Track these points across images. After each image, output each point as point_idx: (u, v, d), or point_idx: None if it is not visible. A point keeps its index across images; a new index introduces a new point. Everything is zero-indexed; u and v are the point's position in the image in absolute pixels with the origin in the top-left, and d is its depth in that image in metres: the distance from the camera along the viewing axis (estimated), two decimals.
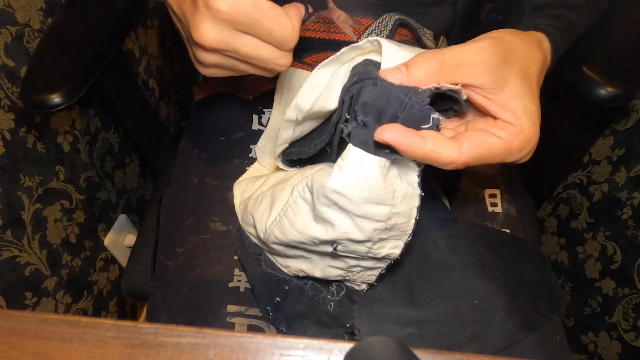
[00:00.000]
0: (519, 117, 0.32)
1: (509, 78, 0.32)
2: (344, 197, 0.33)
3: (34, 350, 0.30)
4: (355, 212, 0.33)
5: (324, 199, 0.34)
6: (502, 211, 0.54)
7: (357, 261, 0.39)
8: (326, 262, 0.41)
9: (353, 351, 0.26)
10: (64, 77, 0.54)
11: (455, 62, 0.31)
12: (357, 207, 0.33)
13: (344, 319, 0.44)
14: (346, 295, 0.44)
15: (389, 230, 0.35)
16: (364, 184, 0.32)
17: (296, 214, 0.37)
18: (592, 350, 0.90)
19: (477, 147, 0.31)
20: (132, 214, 1.05)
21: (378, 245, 0.36)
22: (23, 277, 0.71)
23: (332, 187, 0.33)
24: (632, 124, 0.77)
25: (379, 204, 0.33)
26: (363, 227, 0.34)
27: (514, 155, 0.32)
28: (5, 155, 0.65)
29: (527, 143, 0.32)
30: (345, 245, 0.36)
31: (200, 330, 0.31)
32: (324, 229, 0.36)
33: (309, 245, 0.38)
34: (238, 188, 0.53)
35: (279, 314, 0.45)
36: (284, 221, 0.39)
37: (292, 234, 0.38)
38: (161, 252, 0.53)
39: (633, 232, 0.78)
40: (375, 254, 0.37)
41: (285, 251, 0.42)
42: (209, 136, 0.60)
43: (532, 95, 0.33)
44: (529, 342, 0.45)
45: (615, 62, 0.54)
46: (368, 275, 0.42)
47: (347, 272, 0.41)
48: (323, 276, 0.42)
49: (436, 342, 0.44)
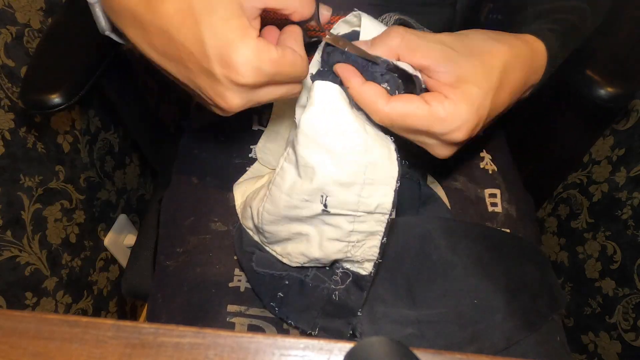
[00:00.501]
0: (454, 93, 0.33)
1: (463, 64, 0.34)
2: (317, 129, 0.35)
3: (34, 350, 0.30)
4: (332, 147, 0.35)
5: (301, 137, 0.35)
6: (502, 211, 0.54)
7: (351, 223, 0.38)
8: (322, 233, 0.40)
9: (353, 351, 0.26)
10: (64, 77, 0.54)
11: (414, 43, 0.33)
12: (331, 138, 0.35)
13: (353, 306, 0.43)
14: (353, 282, 0.43)
15: (373, 168, 0.36)
16: (332, 111, 0.35)
17: (283, 178, 0.38)
18: (592, 350, 0.90)
19: (403, 104, 0.33)
20: (132, 214, 1.05)
21: (366, 192, 0.36)
22: (23, 277, 0.71)
23: (305, 120, 0.35)
24: (632, 124, 0.77)
25: (353, 132, 0.35)
26: (343, 163, 0.35)
27: (437, 125, 0.33)
28: (5, 155, 0.65)
29: (454, 117, 0.33)
30: (334, 195, 0.37)
31: (200, 330, 0.31)
32: (309, 178, 0.36)
33: (300, 209, 0.38)
34: (238, 189, 0.53)
35: (284, 309, 0.44)
36: (273, 190, 0.39)
37: (281, 199, 0.38)
38: (161, 252, 0.53)
39: (633, 232, 0.78)
40: (366, 204, 0.37)
41: (279, 231, 0.42)
42: (208, 136, 0.60)
43: (485, 81, 0.34)
44: (529, 342, 0.45)
45: (616, 62, 0.54)
46: (370, 248, 0.41)
47: (346, 244, 0.40)
48: (323, 255, 0.41)
49: (436, 342, 0.44)
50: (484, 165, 0.57)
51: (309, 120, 0.35)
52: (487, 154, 0.59)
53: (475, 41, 0.36)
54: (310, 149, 0.35)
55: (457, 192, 0.54)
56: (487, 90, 0.34)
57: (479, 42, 0.36)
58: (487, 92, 0.34)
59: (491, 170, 0.57)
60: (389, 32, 0.34)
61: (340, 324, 0.44)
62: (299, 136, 0.36)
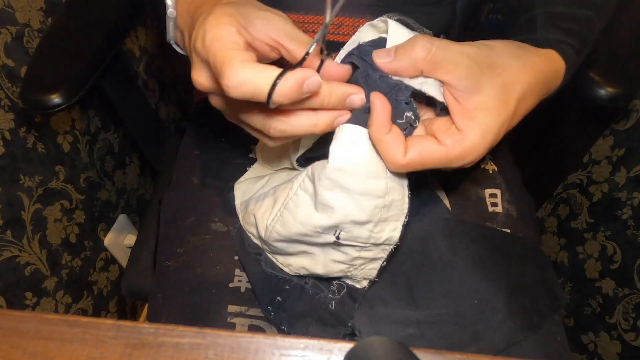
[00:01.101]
0: (470, 126, 0.32)
1: (485, 87, 0.33)
2: (345, 173, 0.34)
3: (34, 350, 0.30)
4: (356, 189, 0.35)
5: (325, 181, 0.35)
6: (502, 211, 0.54)
7: (358, 251, 0.39)
8: (328, 256, 0.41)
9: (353, 351, 0.26)
10: (64, 77, 0.54)
11: (439, 57, 0.32)
12: (358, 182, 0.34)
13: (345, 317, 0.44)
14: (347, 294, 0.44)
15: (388, 208, 0.36)
16: (360, 156, 0.34)
17: (297, 206, 0.38)
18: (592, 350, 0.90)
19: (419, 153, 0.33)
20: (132, 214, 1.05)
21: (379, 228, 0.37)
22: (23, 277, 0.71)
23: (334, 165, 0.34)
24: (632, 124, 0.77)
25: (376, 178, 0.35)
26: (364, 206, 0.35)
27: (455, 163, 0.33)
28: (5, 155, 0.65)
29: (469, 153, 0.33)
30: (348, 231, 0.37)
31: (200, 330, 0.30)
32: (326, 215, 0.36)
33: (311, 237, 0.39)
34: (239, 189, 0.53)
35: (280, 314, 0.45)
36: (285, 215, 0.39)
37: (294, 227, 0.38)
38: (161, 253, 0.53)
39: (633, 232, 0.78)
40: (376, 238, 0.38)
41: (286, 248, 0.42)
42: (209, 136, 0.60)
43: (503, 109, 0.33)
44: (530, 343, 0.45)
45: (616, 62, 0.54)
46: (369, 270, 0.42)
47: (349, 267, 0.41)
48: (325, 272, 0.42)
49: (437, 342, 0.44)
50: (484, 165, 0.57)
51: (337, 164, 0.34)
52: (487, 154, 0.59)
53: (503, 58, 0.34)
54: (333, 192, 0.35)
55: (458, 192, 0.54)
56: (503, 120, 0.33)
57: (506, 60, 0.34)
58: (503, 123, 0.33)
59: (491, 170, 0.57)
60: (415, 44, 0.32)
61: (331, 333, 0.44)
62: (323, 179, 0.35)
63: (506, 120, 0.34)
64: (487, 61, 0.33)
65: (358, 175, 0.34)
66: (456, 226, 0.49)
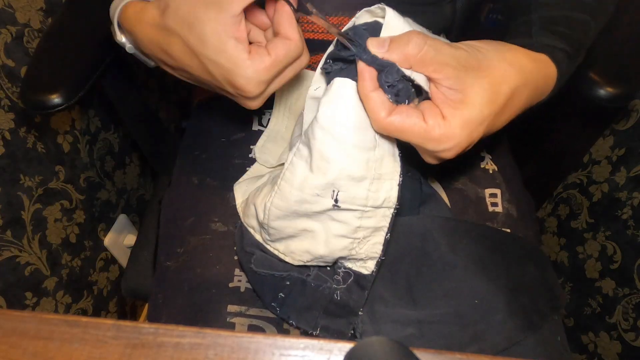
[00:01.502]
0: (453, 115, 0.34)
1: (470, 85, 0.34)
2: (335, 121, 0.36)
3: (33, 350, 0.30)
4: (347, 140, 0.36)
5: (318, 132, 0.36)
6: (502, 211, 0.54)
7: (359, 219, 0.40)
8: (329, 229, 0.41)
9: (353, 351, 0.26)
10: (64, 77, 0.54)
11: (430, 56, 0.33)
12: (347, 131, 0.36)
13: (354, 306, 0.44)
14: (354, 282, 0.44)
15: (380, 162, 0.38)
16: (349, 106, 0.36)
17: (294, 173, 0.39)
18: (592, 350, 0.90)
19: (401, 119, 0.34)
20: (132, 214, 1.05)
21: (375, 187, 0.38)
22: (23, 277, 0.71)
23: (323, 114, 0.36)
24: (632, 124, 0.77)
25: (365, 129, 0.36)
26: (356, 158, 0.37)
27: (430, 144, 0.34)
28: (5, 155, 0.65)
29: (447, 139, 0.34)
30: (345, 190, 0.38)
31: (200, 330, 0.30)
32: (322, 173, 0.37)
33: (310, 204, 0.39)
34: (239, 189, 0.53)
35: (285, 309, 0.44)
36: (283, 185, 0.40)
37: (292, 195, 0.39)
38: (161, 253, 0.53)
39: (633, 232, 0.78)
40: (374, 199, 0.39)
41: (286, 227, 0.42)
42: (209, 137, 0.60)
43: (487, 106, 0.34)
44: (530, 343, 0.45)
45: (615, 62, 0.54)
46: (374, 245, 0.42)
47: (352, 241, 0.41)
48: (328, 252, 0.42)
49: (437, 342, 0.44)
50: (484, 165, 0.57)
51: (328, 114, 0.36)
52: (487, 154, 0.59)
53: (489, 60, 0.35)
54: (327, 143, 0.36)
55: (458, 192, 0.54)
56: (486, 116, 0.34)
57: (493, 62, 0.35)
58: (486, 118, 0.34)
59: (492, 170, 0.57)
60: (409, 40, 0.34)
61: (341, 323, 0.44)
62: (316, 130, 0.36)
63: (489, 116, 0.34)
64: (474, 63, 0.34)
65: (347, 125, 0.36)
66: (456, 225, 0.49)
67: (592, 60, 0.52)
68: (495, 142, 0.62)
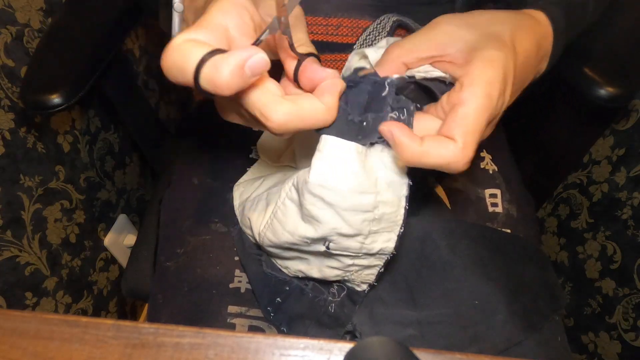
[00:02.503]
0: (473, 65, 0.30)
1: (471, 37, 0.32)
2: (327, 189, 0.33)
3: (34, 350, 0.30)
4: (340, 205, 0.33)
5: (308, 196, 0.34)
6: (502, 211, 0.53)
7: (352, 260, 0.39)
8: (322, 262, 0.41)
9: (353, 351, 0.26)
10: (64, 77, 0.54)
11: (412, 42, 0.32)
12: (341, 198, 0.33)
13: (345, 319, 0.44)
14: (347, 296, 0.44)
15: (378, 221, 0.35)
16: (344, 172, 0.32)
17: (285, 215, 0.37)
18: (592, 350, 0.90)
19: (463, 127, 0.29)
20: (132, 214, 1.05)
21: (370, 240, 0.36)
22: (23, 277, 0.71)
23: (313, 181, 0.33)
24: (632, 124, 0.77)
25: (362, 193, 0.33)
26: (350, 220, 0.34)
27: (491, 106, 0.30)
28: (5, 155, 0.65)
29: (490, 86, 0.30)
30: (337, 242, 0.36)
31: (200, 330, 0.30)
32: (313, 227, 0.35)
33: (301, 246, 0.38)
34: (237, 190, 0.53)
35: (279, 315, 0.45)
36: (275, 223, 0.39)
37: (283, 236, 0.38)
38: (161, 253, 0.53)
39: (633, 232, 0.78)
40: (368, 249, 0.37)
41: (280, 253, 0.42)
42: (209, 137, 0.60)
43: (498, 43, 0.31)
44: (530, 343, 0.45)
45: (616, 62, 0.54)
46: (367, 275, 0.41)
47: (344, 272, 0.41)
48: (321, 276, 0.42)
49: (437, 343, 0.44)
50: (484, 165, 0.57)
51: (317, 178, 0.33)
52: (487, 154, 0.59)
53: (474, 15, 0.34)
54: (317, 206, 0.34)
55: (457, 192, 0.54)
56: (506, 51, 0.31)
57: (477, 15, 0.34)
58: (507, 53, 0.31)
59: (491, 170, 0.57)
60: (387, 50, 0.33)
61: (329, 334, 0.44)
62: (306, 194, 0.34)
63: (509, 54, 0.31)
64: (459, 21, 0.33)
65: (341, 192, 0.33)
66: (456, 226, 0.49)
67: (592, 60, 0.52)
68: (494, 142, 0.62)
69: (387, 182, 0.34)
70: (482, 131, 0.30)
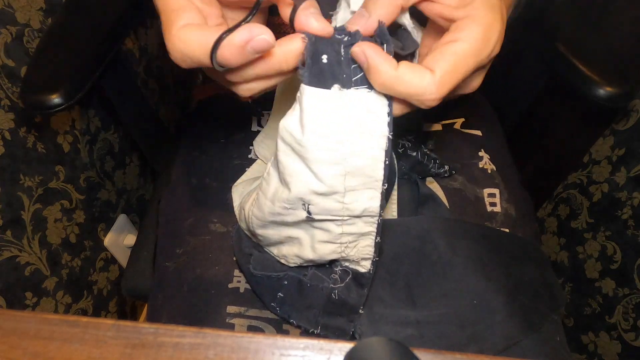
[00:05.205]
0: (473, 7, 0.30)
1: None
2: (295, 135, 0.32)
3: (34, 350, 0.30)
4: (307, 155, 0.32)
5: (281, 144, 0.33)
6: (501, 211, 0.54)
7: (340, 226, 0.37)
8: (313, 237, 0.39)
9: (353, 351, 0.26)
10: (64, 77, 0.54)
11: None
12: (308, 147, 0.32)
13: (354, 304, 0.43)
14: (353, 279, 0.43)
15: (352, 175, 0.33)
16: (313, 118, 0.31)
17: (268, 184, 0.37)
18: (592, 350, 0.90)
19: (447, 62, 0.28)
20: (132, 214, 1.05)
21: (349, 198, 0.35)
22: (23, 277, 0.71)
23: (286, 125, 0.32)
24: (632, 124, 0.77)
25: (328, 142, 0.32)
26: (320, 174, 0.33)
27: (485, 50, 0.30)
28: (5, 155, 0.65)
29: (490, 29, 0.29)
30: (316, 204, 0.35)
31: (200, 330, 0.31)
32: (287, 188, 0.35)
33: (283, 215, 0.37)
34: (236, 191, 0.53)
35: (285, 308, 0.44)
36: (259, 196, 0.39)
37: (265, 205, 0.38)
38: (160, 253, 0.53)
39: (633, 232, 0.78)
40: (351, 210, 0.35)
41: (270, 235, 0.41)
42: (208, 137, 0.60)
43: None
44: (529, 343, 0.45)
45: (615, 62, 0.54)
46: (364, 247, 0.39)
47: (339, 246, 0.39)
48: (317, 257, 0.41)
49: (436, 342, 0.44)
50: (482, 165, 0.57)
51: (289, 126, 0.32)
52: (485, 154, 0.59)
53: None
54: (288, 156, 0.33)
55: (456, 192, 0.54)
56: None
57: None
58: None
59: (490, 169, 0.57)
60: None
61: (342, 322, 0.43)
62: (278, 142, 0.34)
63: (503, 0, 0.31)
64: None
65: (307, 137, 0.32)
66: (455, 226, 0.49)
67: (592, 59, 0.52)
68: (493, 142, 0.62)
69: (360, 132, 0.32)
70: (465, 74, 0.29)
